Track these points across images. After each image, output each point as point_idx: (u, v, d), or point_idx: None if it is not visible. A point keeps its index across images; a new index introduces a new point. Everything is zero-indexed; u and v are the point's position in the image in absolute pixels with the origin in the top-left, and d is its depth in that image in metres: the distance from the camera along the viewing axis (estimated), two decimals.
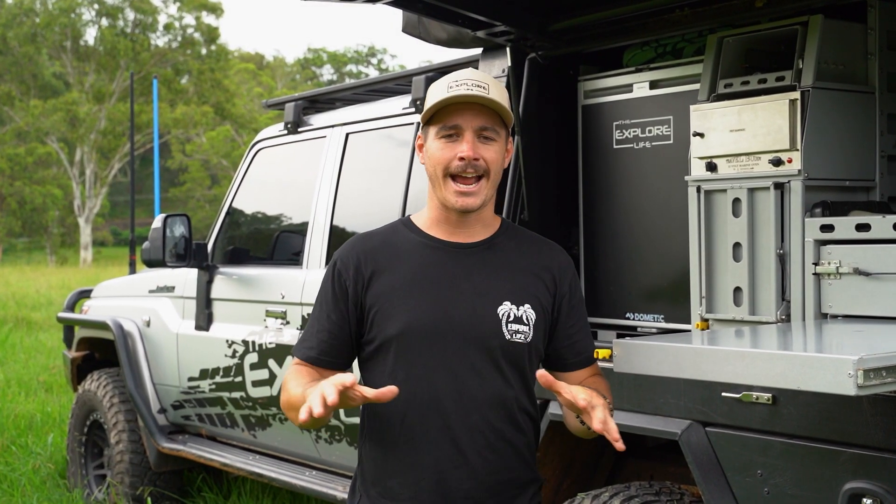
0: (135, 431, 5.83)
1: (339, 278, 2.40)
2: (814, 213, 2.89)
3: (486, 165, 2.32)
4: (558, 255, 2.48)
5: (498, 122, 2.35)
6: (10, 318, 16.36)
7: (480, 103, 2.31)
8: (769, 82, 3.01)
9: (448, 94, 2.30)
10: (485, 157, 2.32)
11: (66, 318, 6.74)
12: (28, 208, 39.40)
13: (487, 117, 2.33)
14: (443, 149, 2.33)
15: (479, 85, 2.31)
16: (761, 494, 2.75)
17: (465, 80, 2.32)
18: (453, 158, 2.31)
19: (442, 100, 2.31)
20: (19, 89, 40.49)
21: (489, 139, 2.33)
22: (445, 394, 2.32)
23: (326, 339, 2.41)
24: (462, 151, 2.30)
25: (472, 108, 2.31)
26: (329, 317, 2.41)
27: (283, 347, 4.78)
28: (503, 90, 2.37)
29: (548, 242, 2.51)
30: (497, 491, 2.37)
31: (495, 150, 2.34)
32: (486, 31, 3.61)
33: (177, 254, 5.30)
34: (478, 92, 2.29)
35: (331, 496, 4.56)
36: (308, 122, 5.14)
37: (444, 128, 2.32)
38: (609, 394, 2.41)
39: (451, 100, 2.30)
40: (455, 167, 2.31)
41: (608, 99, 3.61)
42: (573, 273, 2.49)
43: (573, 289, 2.47)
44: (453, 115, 2.32)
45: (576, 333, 2.46)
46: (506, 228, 2.47)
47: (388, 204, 4.41)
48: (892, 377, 2.05)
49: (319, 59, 56.39)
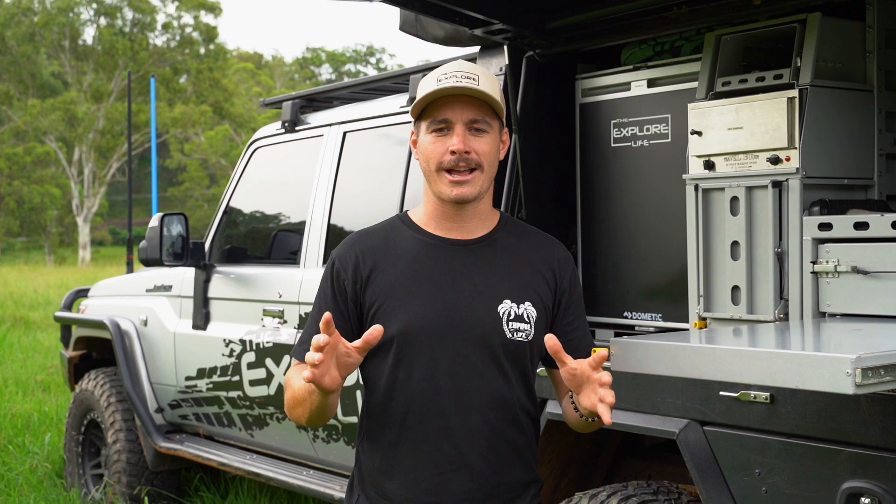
0: (132, 431, 5.82)
1: (337, 278, 2.37)
2: (812, 211, 2.88)
3: (479, 158, 2.29)
4: (558, 249, 2.46)
5: (489, 113, 2.31)
6: (8, 317, 16.36)
7: (470, 95, 2.28)
8: (767, 80, 3.01)
9: (436, 87, 2.27)
10: (476, 149, 2.28)
11: (64, 317, 6.73)
12: (26, 208, 39.39)
13: (478, 109, 2.29)
14: (434, 143, 2.30)
15: (468, 76, 2.27)
16: (759, 494, 2.75)
17: (454, 72, 2.28)
18: (445, 152, 2.28)
19: (430, 93, 2.27)
20: (17, 88, 40.47)
21: (481, 131, 2.29)
22: (446, 394, 2.30)
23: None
24: (453, 145, 2.27)
25: (462, 101, 2.28)
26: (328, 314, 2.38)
27: (280, 346, 4.78)
28: (494, 80, 2.33)
29: (547, 237, 2.48)
30: (497, 493, 2.34)
31: (487, 142, 2.30)
32: (483, 30, 3.60)
33: (174, 253, 5.29)
34: (467, 83, 2.26)
35: (328, 496, 4.56)
36: (305, 121, 5.13)
37: (434, 122, 2.29)
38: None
39: (438, 93, 2.27)
40: (447, 161, 2.28)
41: (606, 97, 3.60)
42: (573, 268, 2.46)
43: (573, 284, 2.44)
44: (443, 108, 2.28)
45: (574, 330, 2.43)
46: (505, 223, 2.44)
47: (386, 202, 4.40)
48: (890, 376, 2.05)
49: (318, 58, 56.39)
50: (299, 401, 2.26)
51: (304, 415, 2.28)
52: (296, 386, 2.28)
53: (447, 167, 2.29)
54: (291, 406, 2.32)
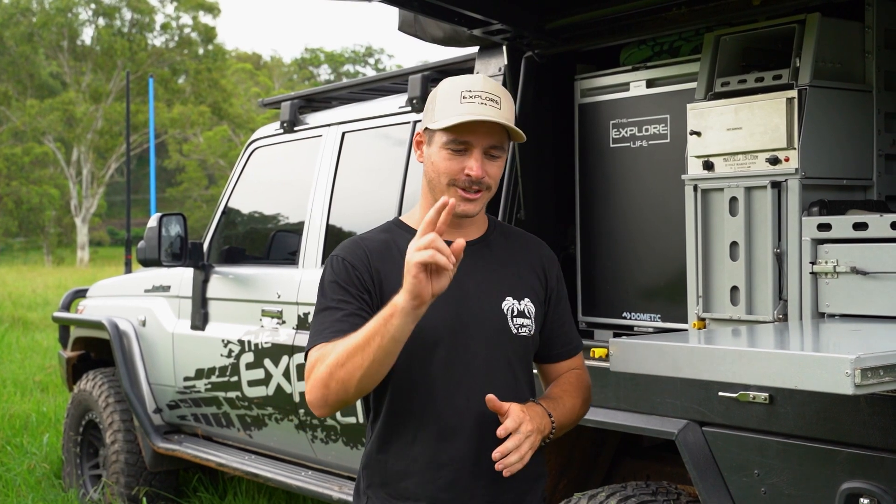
0: (130, 431, 5.82)
1: (352, 269, 2.33)
2: (811, 211, 2.88)
3: (490, 181, 2.34)
4: (544, 248, 2.55)
5: (506, 138, 2.36)
6: (7, 317, 16.36)
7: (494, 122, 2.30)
8: (766, 81, 3.01)
9: (462, 108, 2.28)
10: (490, 173, 2.33)
11: (62, 317, 6.73)
12: (25, 208, 39.36)
13: (498, 136, 2.33)
14: (450, 160, 2.32)
15: (492, 98, 2.29)
16: (758, 494, 2.74)
17: (479, 91, 2.30)
18: (460, 172, 2.31)
19: (457, 122, 2.27)
20: (16, 89, 40.42)
21: (496, 157, 2.34)
22: (459, 391, 2.33)
23: (349, 328, 2.24)
24: (470, 169, 2.30)
25: (485, 125, 2.30)
26: (346, 303, 2.30)
27: (278, 347, 4.77)
28: (511, 102, 2.36)
29: (533, 237, 2.56)
30: (510, 487, 2.38)
31: (499, 166, 2.36)
32: (482, 30, 3.60)
33: (172, 253, 5.29)
34: (492, 109, 2.28)
35: (326, 496, 4.55)
36: (304, 122, 5.13)
37: (455, 142, 2.31)
38: (581, 391, 2.47)
39: (466, 118, 2.27)
40: (461, 182, 2.32)
41: (605, 98, 3.60)
42: (558, 266, 2.55)
43: (559, 281, 2.53)
44: (465, 130, 2.30)
45: (563, 324, 2.52)
46: (495, 226, 2.51)
47: (385, 203, 4.40)
48: (889, 376, 2.05)
49: (317, 58, 56.38)
50: (360, 347, 2.13)
51: (362, 365, 2.12)
52: (348, 342, 2.15)
53: (460, 186, 2.32)
54: (343, 361, 2.15)
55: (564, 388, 2.47)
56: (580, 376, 2.52)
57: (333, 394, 2.19)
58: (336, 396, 2.19)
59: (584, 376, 2.53)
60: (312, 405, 2.25)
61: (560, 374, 2.52)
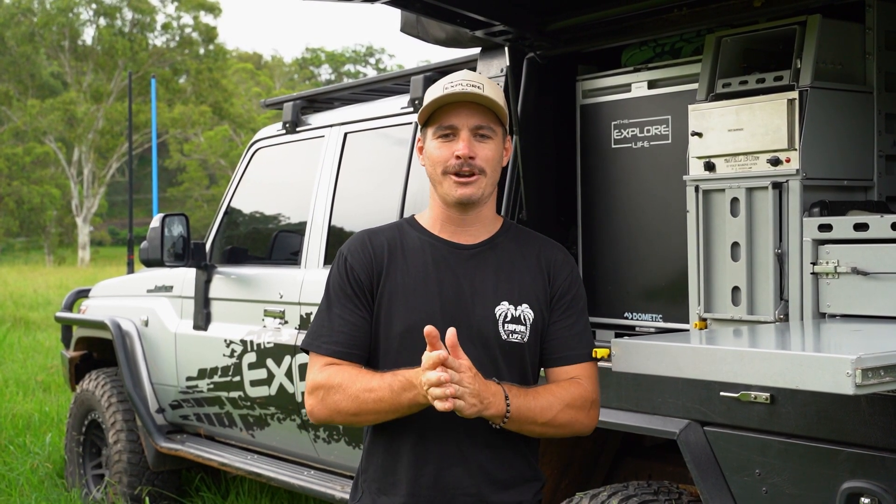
0: (133, 431, 5.83)
1: (351, 271, 2.42)
2: (812, 212, 2.89)
3: (482, 163, 2.36)
4: (557, 252, 2.50)
5: (493, 119, 2.39)
6: (8, 317, 16.36)
7: (475, 101, 2.35)
8: (767, 82, 3.02)
9: (443, 94, 2.35)
10: (480, 154, 2.36)
11: (64, 317, 6.74)
12: (26, 208, 39.36)
13: (483, 116, 2.37)
14: (440, 148, 2.38)
15: (473, 84, 2.36)
16: (759, 494, 2.75)
17: (460, 80, 2.38)
18: (450, 157, 2.36)
19: (436, 99, 2.36)
20: (17, 89, 40.43)
21: (485, 137, 2.38)
22: None
23: (350, 331, 2.39)
24: (458, 150, 2.35)
25: (468, 108, 2.36)
26: (347, 308, 2.40)
27: (281, 347, 4.78)
28: (498, 89, 2.41)
29: (548, 240, 2.54)
30: (496, 489, 2.39)
31: (491, 148, 2.38)
32: (484, 31, 3.61)
33: (175, 253, 5.30)
34: (472, 90, 2.34)
35: (329, 496, 4.56)
36: (306, 122, 5.14)
37: (441, 128, 2.38)
38: (570, 398, 2.37)
39: (445, 99, 2.35)
40: (452, 165, 2.36)
41: (606, 99, 3.61)
42: (570, 270, 2.49)
43: (572, 285, 2.47)
44: (449, 115, 2.37)
45: (569, 329, 2.44)
46: (507, 228, 2.50)
47: (387, 203, 4.41)
48: (890, 376, 2.05)
49: (317, 58, 56.38)
50: (378, 400, 2.29)
51: (369, 418, 2.34)
52: (372, 385, 2.30)
53: (452, 171, 2.36)
54: (354, 411, 2.33)
55: (549, 388, 2.38)
56: (578, 385, 2.40)
57: (338, 421, 2.40)
58: (343, 417, 2.37)
59: (584, 388, 2.40)
60: (314, 418, 2.41)
61: (560, 380, 2.43)
